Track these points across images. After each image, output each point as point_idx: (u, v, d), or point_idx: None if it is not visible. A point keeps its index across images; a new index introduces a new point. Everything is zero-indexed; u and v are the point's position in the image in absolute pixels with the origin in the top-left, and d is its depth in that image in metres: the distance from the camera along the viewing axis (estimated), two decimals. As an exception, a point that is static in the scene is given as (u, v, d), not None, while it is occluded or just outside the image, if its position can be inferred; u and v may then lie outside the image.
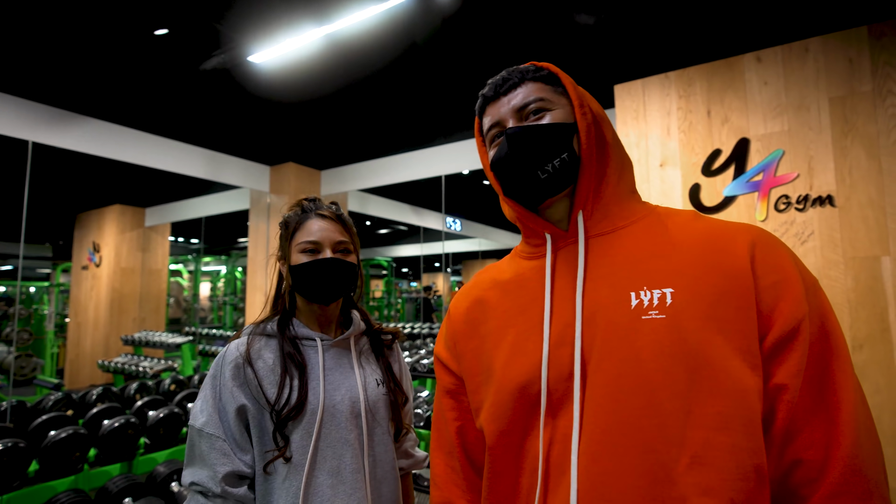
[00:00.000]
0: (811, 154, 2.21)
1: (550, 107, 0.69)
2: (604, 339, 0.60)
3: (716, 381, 0.55)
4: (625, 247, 0.66)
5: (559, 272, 0.68)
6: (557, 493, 0.60)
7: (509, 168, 0.68)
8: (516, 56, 3.21)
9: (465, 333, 0.76)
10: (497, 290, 0.75)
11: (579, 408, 0.60)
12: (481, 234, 9.42)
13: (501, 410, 0.66)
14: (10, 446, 2.20)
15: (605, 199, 0.69)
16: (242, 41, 2.98)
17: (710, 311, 0.57)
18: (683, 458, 0.54)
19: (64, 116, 3.79)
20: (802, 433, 0.55)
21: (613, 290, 0.63)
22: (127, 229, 6.70)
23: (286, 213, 1.06)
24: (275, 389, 0.92)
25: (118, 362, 4.84)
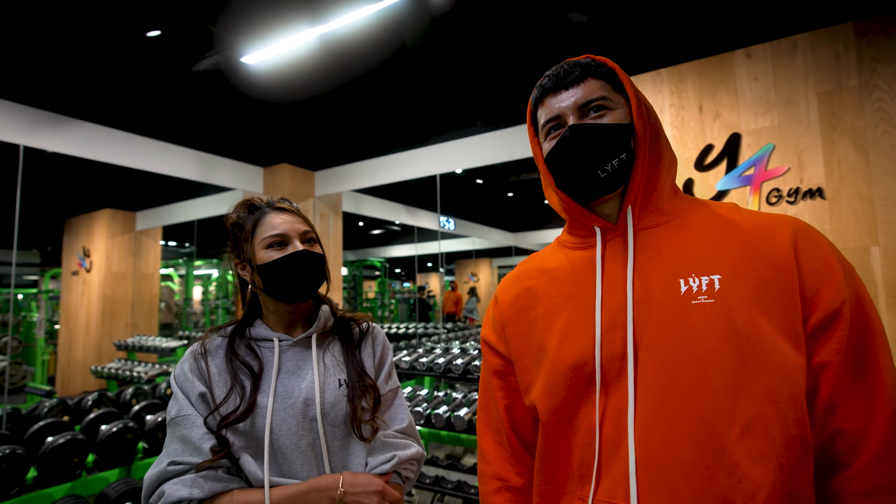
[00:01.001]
0: (801, 148, 2.25)
1: (611, 106, 0.71)
2: (656, 322, 0.65)
3: (764, 358, 0.60)
4: (671, 238, 0.70)
5: (608, 261, 0.72)
6: (613, 464, 0.64)
7: (570, 164, 0.71)
8: (509, 55, 3.24)
9: (512, 318, 0.80)
10: (545, 278, 0.79)
11: (633, 385, 0.64)
12: (474, 232, 9.45)
13: (556, 389, 0.70)
14: (9, 453, 2.17)
15: (654, 196, 0.73)
16: (235, 42, 2.97)
17: (757, 295, 0.62)
18: (735, 429, 0.59)
19: (55, 119, 3.75)
20: (844, 406, 0.61)
21: (663, 277, 0.67)
22: (117, 234, 6.63)
23: (234, 216, 0.98)
24: (220, 392, 0.88)
25: (112, 368, 4.79)
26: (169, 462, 0.81)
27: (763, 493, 0.57)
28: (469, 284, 13.08)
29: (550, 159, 0.74)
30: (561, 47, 3.14)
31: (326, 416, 0.90)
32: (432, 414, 2.48)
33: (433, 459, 2.65)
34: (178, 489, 0.79)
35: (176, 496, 0.78)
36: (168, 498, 0.79)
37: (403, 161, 5.00)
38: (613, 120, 0.71)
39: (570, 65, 0.74)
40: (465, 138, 4.56)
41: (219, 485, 0.82)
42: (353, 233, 10.76)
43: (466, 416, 2.40)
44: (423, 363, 2.91)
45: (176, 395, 0.89)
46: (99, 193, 6.40)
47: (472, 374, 2.74)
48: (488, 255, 13.48)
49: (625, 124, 0.71)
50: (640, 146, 0.70)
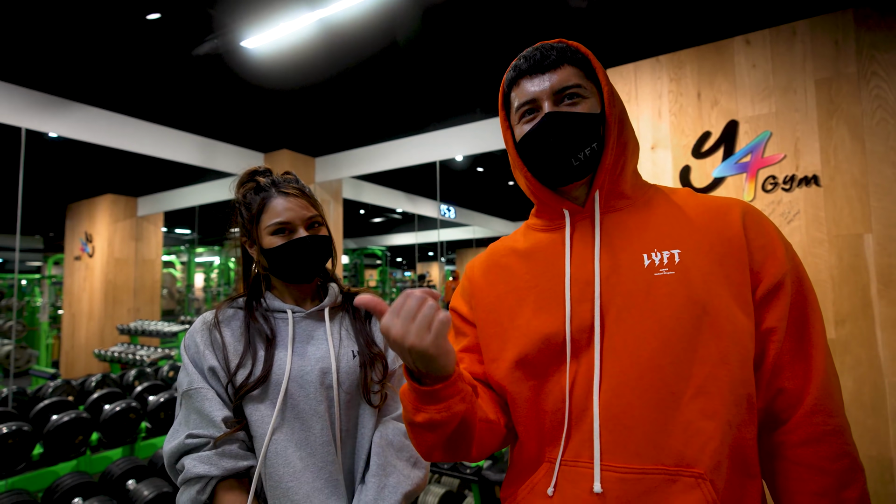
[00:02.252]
0: (797, 135, 2.26)
1: (584, 94, 0.74)
2: (622, 293, 0.70)
3: (718, 325, 0.65)
4: (635, 219, 0.75)
5: (577, 241, 0.76)
6: (580, 427, 0.69)
7: (545, 152, 0.73)
8: (509, 41, 3.23)
9: (481, 290, 0.84)
10: (514, 256, 0.83)
11: (599, 353, 0.69)
12: (475, 221, 9.45)
13: (528, 359, 0.74)
14: (15, 429, 2.23)
15: (619, 181, 0.76)
16: (235, 26, 2.97)
17: (713, 267, 0.68)
18: (690, 390, 0.64)
19: (56, 102, 3.76)
20: (787, 367, 0.68)
21: (627, 253, 0.72)
22: (119, 219, 6.66)
23: (241, 192, 1.00)
24: (236, 359, 0.91)
25: (115, 351, 4.85)
26: (187, 435, 0.85)
27: (712, 446, 0.63)
28: (469, 273, 13.11)
29: (524, 144, 0.76)
30: (561, 33, 3.13)
31: (342, 384, 0.94)
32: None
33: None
34: (197, 465, 0.83)
35: (194, 472, 0.83)
36: (187, 474, 0.83)
37: (403, 147, 5.00)
38: (586, 108, 0.73)
39: (547, 48, 0.75)
40: (465, 125, 4.56)
41: (234, 462, 0.85)
42: (354, 221, 10.78)
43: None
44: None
45: (186, 367, 0.92)
46: (100, 178, 6.42)
47: (468, 358, 2.78)
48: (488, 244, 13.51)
49: (596, 114, 0.73)
50: (610, 135, 0.73)
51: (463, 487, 2.71)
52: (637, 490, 0.63)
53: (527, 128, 0.75)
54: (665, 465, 0.63)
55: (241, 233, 1.01)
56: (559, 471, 0.69)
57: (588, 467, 0.66)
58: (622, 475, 0.64)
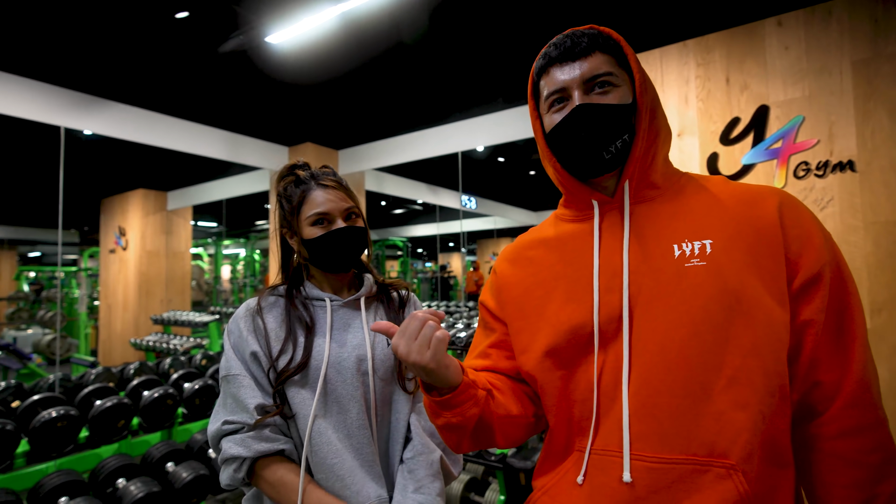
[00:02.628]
0: (832, 119, 2.19)
1: (616, 82, 0.72)
2: (651, 284, 0.69)
3: (751, 315, 0.64)
4: (665, 209, 0.74)
5: (605, 231, 0.76)
6: (609, 416, 0.69)
7: (575, 145, 0.72)
8: (531, 27, 3.19)
9: (509, 284, 0.84)
10: (542, 248, 0.83)
11: (628, 342, 0.69)
12: (496, 211, 9.42)
13: (556, 350, 0.75)
14: (64, 414, 2.36)
15: (649, 170, 0.75)
16: (260, 22, 3.02)
17: (746, 257, 0.67)
18: (721, 380, 0.64)
19: (92, 101, 3.89)
20: (824, 360, 0.66)
21: (657, 243, 0.71)
22: (150, 213, 6.87)
23: (282, 185, 1.04)
24: (278, 345, 0.95)
25: (150, 340, 5.05)
26: (223, 421, 0.91)
27: (744, 437, 0.62)
28: (490, 264, 13.11)
29: (553, 136, 0.75)
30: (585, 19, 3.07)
31: (377, 371, 0.98)
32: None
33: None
34: (231, 447, 0.89)
35: (229, 454, 0.89)
36: (224, 454, 0.90)
37: (425, 139, 5.01)
38: (617, 98, 0.71)
39: (577, 35, 0.73)
40: (486, 115, 4.54)
41: (265, 445, 0.89)
42: (376, 212, 10.87)
43: (487, 386, 2.47)
44: (444, 337, 2.98)
45: (227, 353, 0.96)
46: (132, 174, 6.63)
47: (492, 347, 2.80)
48: (510, 235, 13.44)
49: (628, 104, 0.72)
50: (641, 124, 0.72)
51: (487, 474, 2.75)
52: (667, 479, 0.63)
53: (557, 118, 0.74)
54: (696, 456, 0.63)
55: (281, 224, 1.05)
56: (589, 459, 0.70)
57: (617, 456, 0.67)
58: (651, 465, 0.64)
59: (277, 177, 1.06)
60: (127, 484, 2.22)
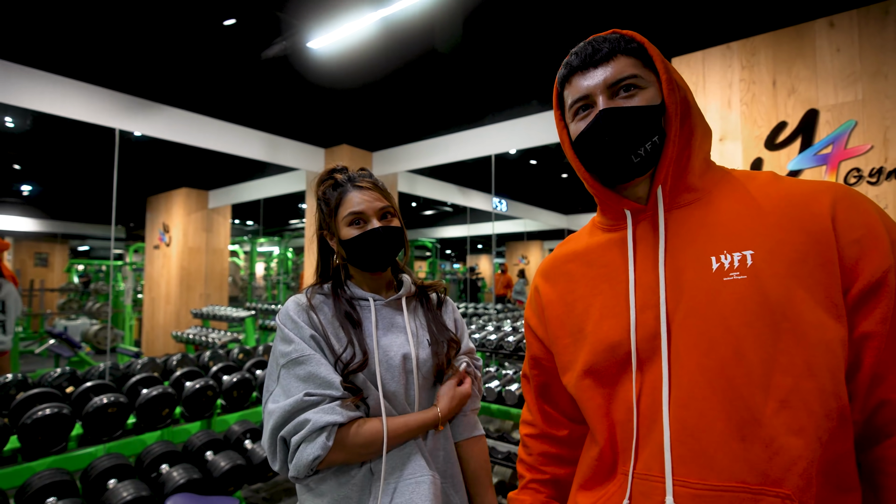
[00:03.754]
0: (887, 124, 2.09)
1: (641, 84, 0.69)
2: (688, 301, 0.66)
3: (800, 332, 0.59)
4: (703, 216, 0.69)
5: (640, 242, 0.73)
6: (650, 439, 0.66)
7: (601, 151, 0.70)
8: (570, 29, 3.18)
9: (551, 302, 0.83)
10: (579, 262, 0.80)
11: (667, 362, 0.66)
12: (526, 214, 9.36)
13: (594, 369, 0.73)
14: (114, 400, 2.49)
15: (685, 174, 0.71)
16: (302, 28, 3.12)
17: (792, 269, 0.61)
18: (771, 402, 0.59)
19: (143, 105, 4.10)
20: (889, 376, 0.59)
21: (693, 256, 0.67)
22: (192, 211, 7.16)
23: (321, 189, 1.07)
24: (337, 342, 0.97)
25: (190, 333, 5.25)
26: (305, 393, 0.89)
27: (801, 465, 0.57)
28: (518, 266, 13.03)
29: (579, 144, 0.72)
30: (623, 22, 3.05)
31: (421, 368, 1.02)
32: (484, 388, 2.57)
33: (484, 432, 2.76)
34: (322, 416, 0.87)
35: (322, 421, 0.87)
36: (315, 425, 0.87)
37: (458, 141, 5.04)
38: (644, 100, 0.68)
39: (598, 41, 0.72)
40: (521, 118, 4.54)
41: (354, 413, 0.92)
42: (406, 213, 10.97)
43: (517, 391, 2.47)
44: (475, 339, 3.00)
45: (289, 338, 0.95)
46: (177, 173, 6.92)
47: (522, 351, 2.80)
48: (539, 238, 13.34)
49: (655, 105, 0.68)
50: (671, 125, 0.68)
51: (516, 478, 2.75)
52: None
53: (581, 126, 0.71)
54: (747, 483, 0.59)
55: (321, 226, 1.08)
56: (632, 484, 0.67)
57: (660, 481, 0.64)
58: (697, 491, 0.61)
59: (317, 181, 1.09)
60: (170, 470, 2.32)
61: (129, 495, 2.08)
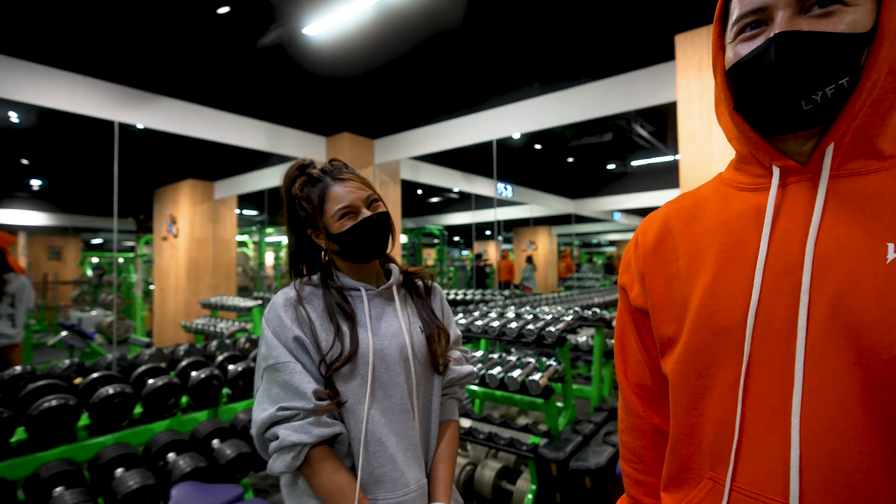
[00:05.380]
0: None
1: (851, 1, 0.50)
2: (841, 291, 0.50)
3: None
4: (887, 188, 0.52)
5: (785, 210, 0.56)
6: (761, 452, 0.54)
7: (765, 88, 0.53)
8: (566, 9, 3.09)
9: (653, 268, 0.68)
10: (695, 223, 0.65)
11: (802, 366, 0.52)
12: (533, 199, 9.28)
13: (692, 352, 0.61)
14: (120, 391, 2.53)
15: (875, 133, 0.53)
16: (296, 14, 3.07)
17: None
18: None
19: (143, 97, 4.09)
20: None
21: (863, 238, 0.51)
22: (198, 202, 7.19)
23: (297, 186, 1.03)
24: (325, 336, 0.95)
25: (198, 324, 5.31)
26: (278, 407, 0.89)
27: None
28: (526, 252, 12.97)
29: (736, 74, 0.56)
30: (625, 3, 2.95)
31: (417, 356, 1.03)
32: (486, 375, 2.56)
33: (487, 417, 2.75)
34: (290, 434, 0.87)
35: (289, 441, 0.87)
36: (282, 442, 0.88)
37: (460, 127, 4.98)
38: (845, 24, 0.49)
39: None
40: (522, 101, 4.46)
41: (325, 430, 0.90)
42: (412, 200, 10.95)
43: (520, 377, 2.46)
44: (478, 326, 2.99)
45: (269, 342, 0.94)
46: (182, 165, 6.95)
47: (525, 337, 2.78)
48: (547, 223, 13.24)
49: (859, 34, 0.50)
50: (876, 65, 0.50)
51: (519, 463, 2.76)
52: None
53: (744, 50, 0.55)
54: None
55: (304, 226, 1.04)
56: (730, 497, 0.56)
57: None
58: None
59: (287, 180, 1.05)
60: (176, 458, 2.36)
61: (135, 484, 2.11)
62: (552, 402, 2.46)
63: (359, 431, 0.94)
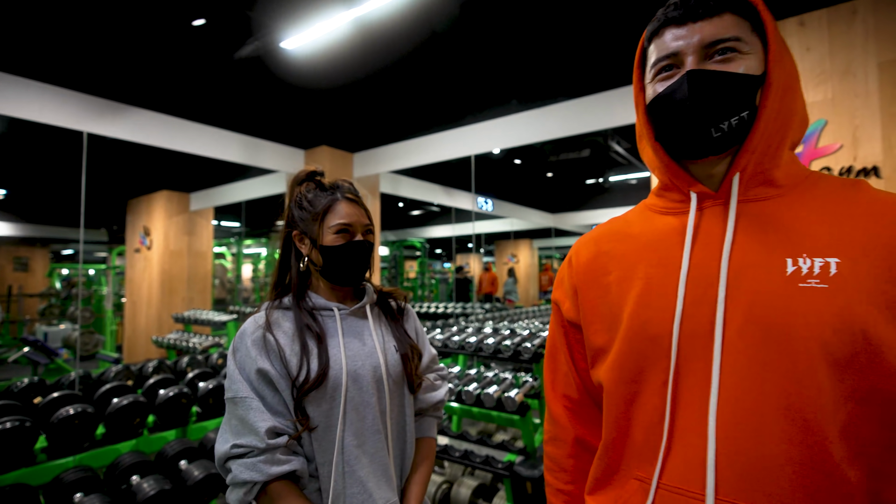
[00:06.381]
0: (856, 123, 2.10)
1: (744, 50, 0.60)
2: (750, 303, 0.58)
3: (877, 355, 0.53)
4: (783, 213, 0.61)
5: (702, 231, 0.64)
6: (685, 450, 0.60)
7: (680, 116, 0.61)
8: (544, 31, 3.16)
9: (586, 283, 0.74)
10: (625, 242, 0.72)
11: (719, 368, 0.58)
12: (513, 213, 9.36)
13: (625, 360, 0.66)
14: (80, 411, 2.43)
15: (770, 163, 0.62)
16: (274, 27, 3.06)
17: (879, 286, 0.54)
18: (834, 428, 0.53)
19: (114, 108, 4.01)
20: None
21: (767, 254, 0.59)
22: (174, 214, 7.05)
23: (303, 188, 1.06)
24: (295, 360, 0.93)
25: (170, 339, 5.17)
26: (232, 445, 0.89)
27: (858, 498, 0.53)
28: (508, 265, 13.03)
29: (654, 107, 0.65)
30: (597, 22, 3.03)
31: (391, 376, 1.02)
32: (463, 391, 2.55)
33: (464, 434, 2.73)
34: (241, 472, 0.87)
35: (240, 479, 0.87)
36: (234, 479, 0.88)
37: (439, 142, 5.01)
38: (742, 67, 0.59)
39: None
40: (500, 118, 4.52)
41: (277, 468, 0.88)
42: (394, 213, 10.93)
43: (496, 393, 2.45)
44: (455, 341, 2.97)
45: (231, 374, 0.94)
46: (156, 176, 6.82)
47: (502, 353, 2.78)
48: (528, 237, 13.35)
49: (754, 76, 0.59)
50: (769, 102, 0.59)
51: (496, 481, 2.73)
52: None
53: (661, 87, 0.63)
54: None
55: (293, 225, 1.05)
56: (656, 495, 0.61)
57: (698, 499, 0.57)
58: None
59: (294, 181, 1.08)
60: (140, 481, 2.27)
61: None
62: (528, 419, 2.45)
63: (330, 454, 0.92)
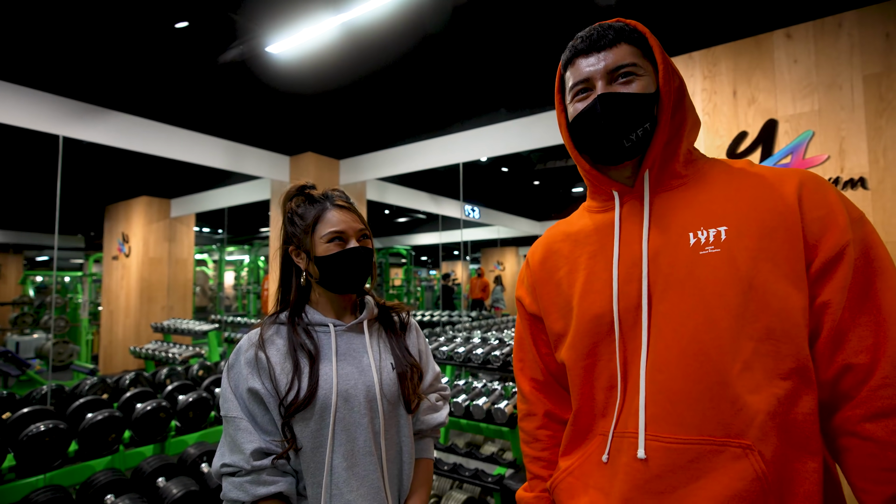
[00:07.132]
0: (843, 135, 2.12)
1: (639, 72, 0.74)
2: (667, 273, 0.72)
3: (764, 301, 0.65)
4: (685, 198, 0.75)
5: (626, 221, 0.78)
6: (630, 400, 0.73)
7: (596, 132, 0.74)
8: (534, 40, 3.16)
9: (542, 279, 0.89)
10: (569, 241, 0.86)
11: (647, 331, 0.72)
12: (500, 221, 9.38)
13: (580, 339, 0.79)
14: (52, 427, 2.31)
15: (672, 160, 0.76)
16: (259, 31, 3.00)
17: (760, 242, 0.67)
18: (736, 365, 0.65)
19: (92, 111, 3.89)
20: (849, 341, 0.64)
21: (675, 233, 0.73)
22: (154, 220, 6.89)
23: (294, 203, 1.05)
24: (285, 378, 0.93)
25: (149, 349, 5.01)
26: (222, 464, 0.92)
27: (759, 418, 0.63)
28: (495, 273, 13.02)
29: (576, 125, 0.77)
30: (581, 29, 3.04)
31: (386, 395, 0.99)
32: (451, 402, 2.49)
33: (452, 447, 2.67)
34: (230, 490, 0.91)
35: (229, 497, 0.91)
36: (225, 495, 0.92)
37: (426, 149, 4.98)
38: (640, 87, 0.73)
39: (604, 27, 0.76)
40: (488, 126, 4.51)
41: (262, 489, 0.89)
42: (380, 220, 10.85)
43: (485, 405, 2.40)
44: (443, 352, 2.92)
45: (224, 393, 0.95)
46: (136, 181, 6.65)
47: (491, 363, 2.74)
48: (514, 244, 13.38)
49: (650, 94, 0.73)
50: (664, 114, 0.73)
51: (485, 494, 2.67)
52: (683, 458, 0.66)
53: (580, 107, 0.76)
54: (712, 437, 0.65)
55: (289, 241, 1.04)
56: (612, 441, 0.74)
57: (634, 437, 0.70)
58: (668, 444, 0.67)
59: (285, 197, 1.07)
60: (115, 501, 2.16)
61: (64, 533, 1.91)
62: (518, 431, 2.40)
63: (320, 475, 0.91)
